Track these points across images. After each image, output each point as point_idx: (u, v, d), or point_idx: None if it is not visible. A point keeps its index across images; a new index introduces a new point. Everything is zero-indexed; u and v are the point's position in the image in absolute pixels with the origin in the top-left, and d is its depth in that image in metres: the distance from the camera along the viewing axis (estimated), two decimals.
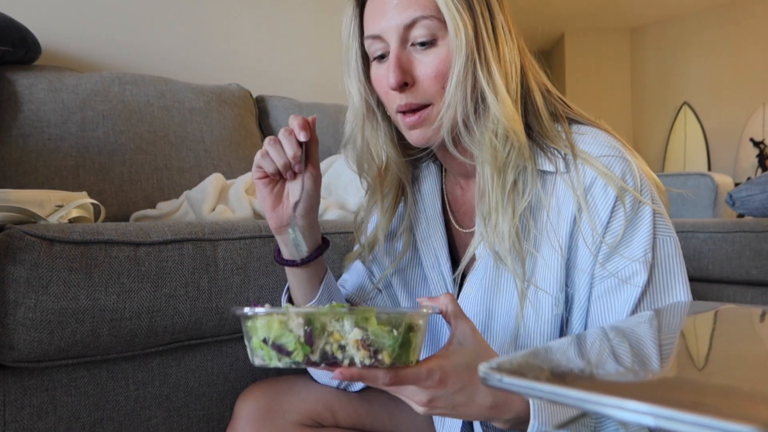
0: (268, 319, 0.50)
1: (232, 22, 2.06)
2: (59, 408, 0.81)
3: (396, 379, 0.52)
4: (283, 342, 0.50)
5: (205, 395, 0.94)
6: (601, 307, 0.66)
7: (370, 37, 0.70)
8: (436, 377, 0.54)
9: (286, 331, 0.50)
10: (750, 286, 1.49)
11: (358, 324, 0.50)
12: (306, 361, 0.50)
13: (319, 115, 2.12)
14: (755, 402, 0.31)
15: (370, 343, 0.50)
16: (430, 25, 0.66)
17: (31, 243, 0.74)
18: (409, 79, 0.67)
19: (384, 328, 0.50)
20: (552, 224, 0.68)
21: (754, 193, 1.63)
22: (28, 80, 1.41)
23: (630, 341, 0.50)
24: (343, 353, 0.50)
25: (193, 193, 1.32)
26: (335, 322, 0.50)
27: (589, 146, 0.68)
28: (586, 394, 0.33)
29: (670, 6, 5.32)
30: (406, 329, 0.51)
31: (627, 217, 0.65)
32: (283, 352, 0.50)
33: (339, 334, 0.50)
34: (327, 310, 0.50)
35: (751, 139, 4.89)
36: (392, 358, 0.50)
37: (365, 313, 0.50)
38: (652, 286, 0.65)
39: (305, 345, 0.50)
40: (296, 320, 0.49)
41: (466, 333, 0.58)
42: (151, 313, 0.82)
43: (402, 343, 0.51)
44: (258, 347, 0.51)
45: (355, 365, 0.50)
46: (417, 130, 0.70)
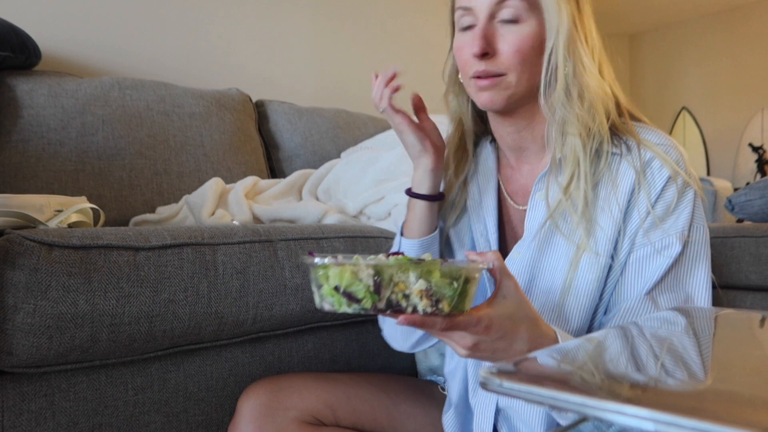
0: (341, 268, 0.55)
1: (231, 26, 2.06)
2: (58, 414, 0.80)
3: (450, 325, 0.58)
4: (354, 290, 0.54)
5: (204, 400, 0.93)
6: (634, 270, 0.75)
7: (461, 8, 0.78)
8: (483, 324, 0.60)
9: (357, 280, 0.54)
10: (749, 291, 1.49)
11: (422, 276, 0.54)
12: (373, 308, 0.55)
13: (318, 120, 2.11)
14: (755, 407, 0.31)
15: (432, 293, 0.55)
16: (518, 6, 0.74)
17: (30, 248, 0.74)
18: (491, 50, 0.75)
19: (445, 280, 0.55)
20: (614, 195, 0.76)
21: (754, 198, 1.64)
22: (28, 85, 1.42)
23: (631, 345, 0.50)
24: (407, 301, 0.55)
25: (193, 197, 1.32)
26: (401, 274, 0.54)
27: (649, 135, 0.78)
28: (586, 399, 0.33)
29: (668, 12, 5.34)
30: (464, 281, 0.56)
31: (677, 192, 0.74)
32: (353, 300, 0.55)
33: (404, 284, 0.55)
34: (394, 263, 0.55)
35: (749, 144, 4.90)
36: (450, 307, 0.56)
37: (429, 266, 0.54)
38: (680, 262, 0.74)
39: (374, 294, 0.54)
40: (366, 271, 0.54)
41: (510, 288, 0.64)
42: (150, 318, 0.82)
43: (460, 293, 0.56)
44: (329, 294, 0.56)
45: (417, 312, 0.55)
46: (486, 92, 0.77)
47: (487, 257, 0.63)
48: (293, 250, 0.97)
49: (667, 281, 0.74)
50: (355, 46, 2.44)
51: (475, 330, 0.60)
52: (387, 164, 1.43)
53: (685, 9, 5.27)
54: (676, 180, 0.74)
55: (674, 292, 0.74)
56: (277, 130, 1.89)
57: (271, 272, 0.93)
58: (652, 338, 0.54)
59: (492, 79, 0.76)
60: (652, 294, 0.73)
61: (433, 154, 0.82)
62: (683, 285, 0.75)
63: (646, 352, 0.48)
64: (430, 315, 0.56)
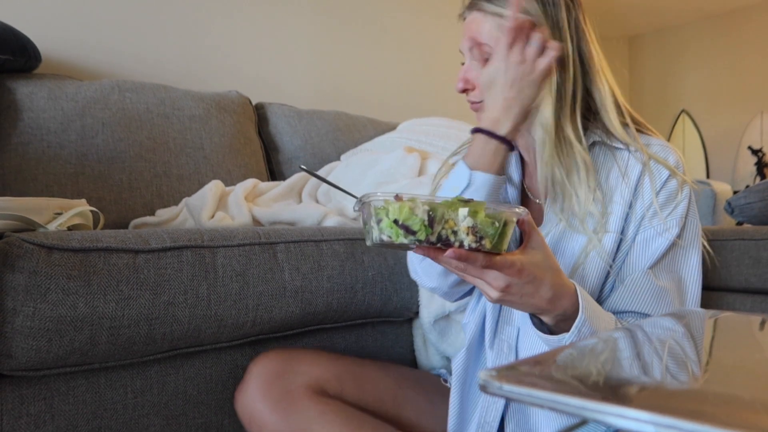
0: (401, 204, 0.62)
1: (231, 29, 2.06)
2: (57, 417, 0.80)
3: (489, 263, 0.64)
4: (410, 223, 0.61)
5: (204, 403, 0.93)
6: (640, 248, 0.83)
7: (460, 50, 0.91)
8: (516, 267, 0.66)
9: (413, 215, 0.61)
10: (749, 294, 1.49)
11: (469, 214, 0.62)
12: (426, 240, 0.62)
13: (318, 122, 2.11)
14: (755, 410, 0.31)
15: (477, 230, 0.62)
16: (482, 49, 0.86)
17: (29, 250, 0.74)
18: (469, 86, 0.89)
19: (488, 220, 0.62)
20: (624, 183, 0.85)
21: (753, 201, 1.63)
22: (28, 88, 1.42)
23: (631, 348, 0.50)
24: (455, 237, 0.62)
25: (193, 200, 1.32)
26: (452, 212, 0.62)
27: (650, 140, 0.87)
28: (586, 402, 0.33)
29: (668, 15, 5.35)
30: (503, 223, 0.63)
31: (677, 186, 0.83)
32: (409, 232, 0.61)
33: (453, 222, 0.62)
34: (446, 202, 0.62)
35: (749, 147, 4.90)
36: (492, 244, 0.63)
37: (476, 206, 0.62)
38: (677, 245, 0.83)
39: (428, 227, 0.61)
40: (422, 207, 0.61)
41: (537, 240, 0.71)
42: (149, 321, 0.82)
43: (500, 234, 0.63)
44: (388, 226, 0.62)
45: (463, 247, 0.62)
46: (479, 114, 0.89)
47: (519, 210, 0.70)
48: (293, 253, 0.97)
49: (666, 261, 0.83)
50: (355, 48, 2.44)
51: (509, 272, 0.66)
52: (387, 166, 1.43)
53: (685, 12, 5.28)
54: (675, 177, 0.83)
55: (671, 272, 0.83)
56: (276, 132, 1.89)
57: (270, 275, 0.93)
58: (652, 341, 0.54)
59: (477, 105, 0.89)
60: (654, 270, 0.82)
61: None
62: (678, 267, 0.84)
63: (647, 355, 0.48)
64: (474, 251, 0.62)
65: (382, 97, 2.47)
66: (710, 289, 1.55)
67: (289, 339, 1.03)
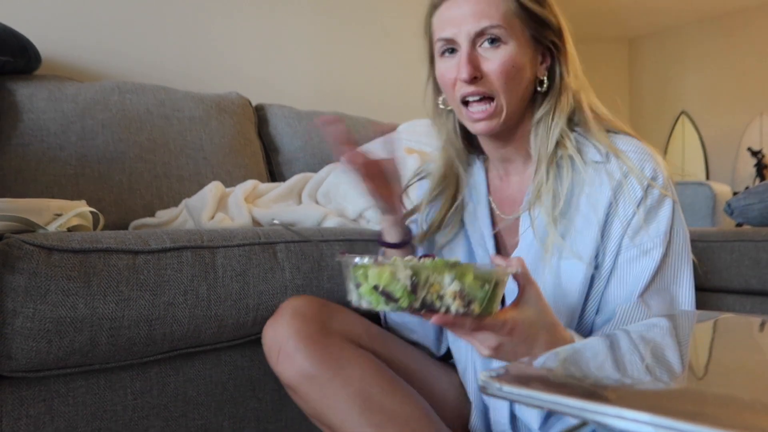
0: (381, 268, 0.57)
1: (231, 30, 2.07)
2: (57, 418, 0.80)
3: (478, 327, 0.61)
4: (392, 289, 0.57)
5: (204, 404, 0.93)
6: (622, 272, 0.79)
7: (443, 40, 0.83)
8: (508, 327, 0.63)
9: (395, 280, 0.57)
10: (749, 296, 1.49)
11: (456, 278, 0.57)
12: (409, 307, 0.57)
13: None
14: (755, 412, 0.31)
15: (465, 294, 0.57)
16: (497, 32, 0.80)
17: (29, 252, 0.74)
18: (478, 74, 0.81)
19: (477, 282, 0.58)
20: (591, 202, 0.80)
21: (753, 203, 1.63)
22: (28, 90, 1.42)
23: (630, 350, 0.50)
24: (441, 302, 0.58)
25: (192, 201, 1.32)
26: (437, 275, 0.57)
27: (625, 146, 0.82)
28: (585, 404, 0.33)
29: (668, 16, 5.35)
30: (494, 285, 0.59)
31: (656, 199, 0.78)
32: (391, 299, 0.57)
33: (438, 285, 0.57)
34: (430, 264, 0.57)
35: (749, 149, 4.91)
36: (481, 308, 0.58)
37: (463, 269, 0.57)
38: (666, 264, 0.78)
39: (411, 293, 0.57)
40: (405, 271, 0.57)
41: (532, 294, 0.66)
42: (149, 322, 0.82)
43: (490, 296, 0.59)
44: (367, 293, 0.58)
45: (449, 313, 0.58)
46: (483, 122, 0.83)
47: (512, 262, 0.66)
48: (293, 253, 0.97)
49: (656, 285, 0.78)
50: (355, 49, 2.44)
51: (500, 332, 0.63)
52: None
53: (685, 13, 5.28)
54: (653, 189, 0.79)
55: (662, 295, 0.78)
56: (276, 133, 1.89)
57: (271, 274, 0.93)
58: (652, 343, 0.54)
59: (486, 108, 0.81)
60: (644, 297, 0.77)
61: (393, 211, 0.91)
62: (670, 290, 0.79)
63: (647, 357, 0.48)
64: (461, 316, 0.58)
65: (382, 98, 2.47)
66: (710, 290, 1.55)
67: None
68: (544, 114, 0.85)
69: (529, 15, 0.82)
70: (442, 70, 0.85)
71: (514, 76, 0.81)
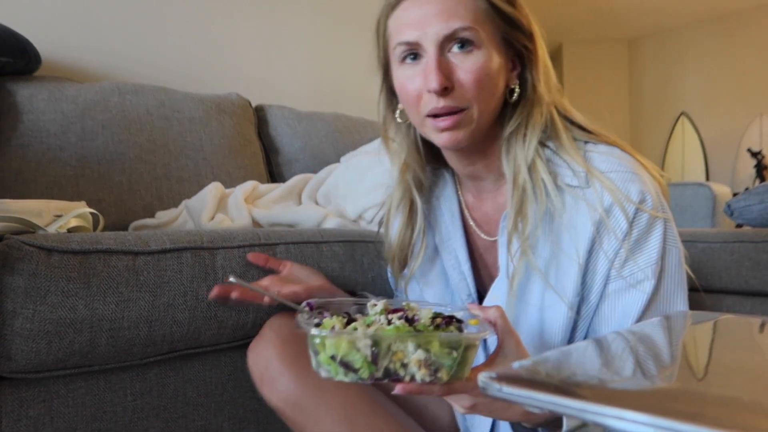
0: (338, 338, 0.54)
1: (231, 31, 2.07)
2: (56, 419, 0.80)
3: (450, 391, 0.57)
4: (351, 359, 0.54)
5: (203, 406, 0.93)
6: (609, 306, 0.72)
7: (405, 44, 0.73)
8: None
9: (354, 350, 0.53)
10: (749, 296, 1.49)
11: (421, 346, 0.53)
12: (370, 378, 0.54)
13: (318, 124, 2.11)
14: (755, 413, 0.31)
15: (431, 362, 0.54)
16: (469, 36, 0.70)
17: (29, 253, 0.74)
18: (449, 84, 0.70)
19: (444, 349, 0.54)
20: (571, 235, 0.72)
21: (752, 204, 1.64)
22: (28, 91, 1.42)
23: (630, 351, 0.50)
24: (405, 370, 0.54)
25: (192, 202, 1.32)
26: (399, 343, 0.53)
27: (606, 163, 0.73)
28: (585, 405, 0.33)
29: (667, 17, 5.35)
30: (463, 350, 0.55)
31: (644, 226, 0.70)
32: (350, 369, 0.54)
33: (402, 353, 0.53)
34: (393, 332, 0.54)
35: (748, 150, 4.91)
36: (450, 375, 0.54)
37: (428, 336, 0.53)
38: (659, 294, 0.71)
39: (371, 364, 0.53)
40: (364, 341, 0.53)
41: (512, 347, 0.62)
42: (149, 323, 0.82)
43: (459, 362, 0.55)
44: (326, 362, 0.55)
45: (415, 381, 0.54)
46: (448, 132, 0.73)
47: (490, 313, 0.62)
48: (293, 254, 0.97)
49: (650, 314, 0.71)
50: (355, 50, 2.44)
51: (474, 393, 0.59)
52: (386, 168, 1.43)
53: (685, 14, 5.28)
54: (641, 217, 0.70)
55: None
56: (276, 134, 1.89)
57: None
58: (651, 345, 0.54)
59: (454, 117, 0.71)
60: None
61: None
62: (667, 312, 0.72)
63: (646, 359, 0.48)
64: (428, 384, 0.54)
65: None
66: (710, 291, 1.55)
67: None
68: (516, 128, 0.76)
69: (500, 15, 0.73)
70: (402, 79, 0.74)
71: (487, 85, 0.72)
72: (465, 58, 0.71)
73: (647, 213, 0.70)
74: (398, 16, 0.74)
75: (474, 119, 0.72)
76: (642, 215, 0.70)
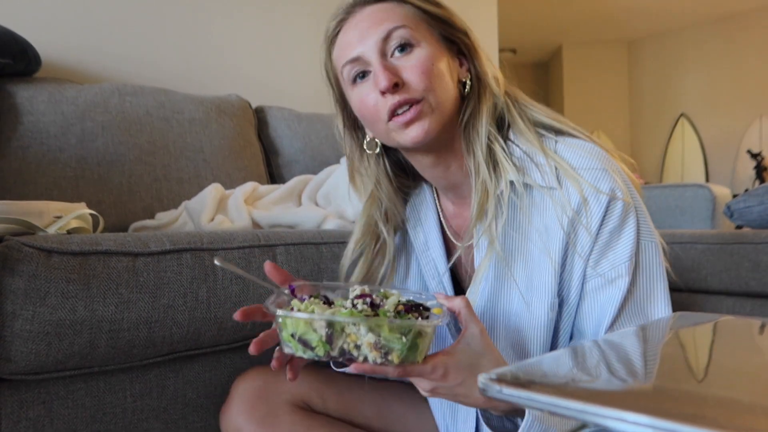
0: (295, 318, 0.58)
1: (231, 32, 2.07)
2: (56, 421, 0.80)
3: (404, 373, 0.59)
4: (308, 338, 0.58)
5: (203, 407, 0.93)
6: (588, 304, 0.73)
7: (349, 62, 0.76)
8: (440, 372, 0.61)
9: (311, 330, 0.58)
10: (749, 298, 1.49)
11: (371, 329, 0.57)
12: (326, 356, 0.58)
13: (318, 125, 2.10)
14: (755, 414, 0.31)
15: (380, 346, 0.57)
16: (404, 34, 0.74)
17: (29, 254, 0.74)
18: (399, 81, 0.73)
19: (395, 334, 0.57)
20: (541, 236, 0.73)
21: (752, 205, 1.64)
22: (28, 92, 1.42)
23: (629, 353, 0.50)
24: (358, 351, 0.58)
25: (192, 203, 1.32)
26: (353, 326, 0.57)
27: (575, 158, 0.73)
28: (585, 406, 0.33)
29: (667, 19, 5.36)
30: (414, 336, 0.58)
31: (616, 220, 0.71)
32: (308, 347, 0.58)
33: (355, 336, 0.57)
34: (346, 315, 0.58)
35: (748, 151, 4.92)
36: (400, 359, 0.58)
37: (378, 321, 0.57)
38: (636, 289, 0.72)
39: (326, 343, 0.58)
40: (319, 322, 0.57)
41: (474, 335, 0.64)
42: (149, 324, 0.82)
43: (410, 347, 0.58)
44: (287, 339, 0.60)
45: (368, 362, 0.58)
46: (414, 125, 0.74)
47: (455, 303, 0.64)
48: (292, 255, 0.97)
49: (627, 312, 0.72)
50: None
51: (431, 377, 0.61)
52: None
53: (685, 16, 5.29)
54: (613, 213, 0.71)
55: (636, 320, 0.72)
56: (276, 135, 1.89)
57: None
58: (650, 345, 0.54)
59: (414, 109, 0.72)
60: (615, 328, 0.72)
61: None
62: (644, 311, 0.73)
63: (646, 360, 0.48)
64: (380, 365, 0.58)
65: None
66: (709, 292, 1.55)
67: None
68: (469, 117, 0.77)
69: (430, 16, 0.77)
70: (358, 97, 0.77)
71: (436, 76, 0.73)
72: (407, 58, 0.74)
73: (618, 210, 0.71)
74: (338, 43, 0.78)
75: (433, 107, 0.74)
76: (613, 212, 0.71)
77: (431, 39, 0.76)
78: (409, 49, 0.74)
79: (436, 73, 0.74)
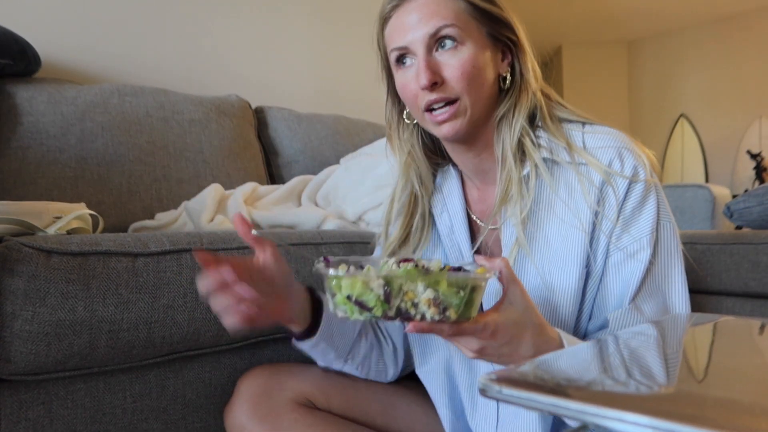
0: (353, 279, 0.57)
1: (230, 33, 2.07)
2: (56, 421, 0.80)
3: (458, 332, 0.60)
4: (365, 299, 0.57)
5: (203, 407, 0.93)
6: (611, 277, 0.76)
7: (397, 49, 0.80)
8: (490, 330, 0.62)
9: (368, 290, 0.57)
10: (748, 298, 1.49)
11: (430, 285, 0.57)
12: (384, 316, 0.57)
13: (318, 126, 2.10)
14: (755, 415, 0.31)
15: (439, 302, 0.57)
16: (451, 32, 0.77)
17: (28, 254, 0.73)
18: (438, 79, 0.77)
19: (452, 289, 0.57)
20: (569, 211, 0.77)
21: (752, 205, 1.64)
22: (27, 93, 1.42)
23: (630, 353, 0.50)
24: (415, 310, 0.57)
25: (192, 203, 1.32)
26: (410, 283, 0.57)
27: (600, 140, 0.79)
28: (585, 406, 0.33)
29: (667, 19, 5.36)
30: (470, 290, 0.58)
31: (639, 197, 0.75)
32: (365, 308, 0.57)
33: (413, 293, 0.57)
34: (404, 272, 0.57)
35: (748, 152, 4.92)
36: (457, 314, 0.58)
37: (437, 276, 0.57)
38: (655, 264, 0.75)
39: (384, 302, 0.57)
40: (377, 281, 0.56)
41: (517, 294, 0.65)
42: (149, 324, 0.82)
43: (466, 302, 0.58)
44: (342, 303, 0.59)
45: (425, 320, 0.57)
46: (447, 124, 0.79)
47: (495, 264, 0.65)
48: (292, 256, 0.97)
49: (647, 287, 0.75)
50: (355, 52, 2.45)
51: (482, 335, 0.62)
52: (386, 170, 1.43)
53: (685, 16, 5.29)
54: (636, 187, 0.76)
55: (655, 297, 0.76)
56: (276, 136, 1.89)
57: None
58: (650, 346, 0.54)
59: (449, 109, 0.77)
60: (636, 302, 0.75)
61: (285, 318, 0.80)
62: (662, 290, 0.76)
63: (645, 360, 0.48)
64: (437, 322, 0.58)
65: (382, 100, 2.48)
66: (709, 293, 1.55)
67: (289, 342, 1.02)
68: (506, 111, 0.82)
69: (481, 13, 0.79)
70: (401, 81, 0.82)
71: (476, 77, 0.78)
72: (451, 55, 0.77)
73: (640, 187, 0.75)
74: (390, 26, 0.81)
75: (467, 108, 0.78)
76: (635, 188, 0.75)
77: (478, 36, 0.79)
78: (454, 45, 0.77)
79: (475, 74, 0.77)
